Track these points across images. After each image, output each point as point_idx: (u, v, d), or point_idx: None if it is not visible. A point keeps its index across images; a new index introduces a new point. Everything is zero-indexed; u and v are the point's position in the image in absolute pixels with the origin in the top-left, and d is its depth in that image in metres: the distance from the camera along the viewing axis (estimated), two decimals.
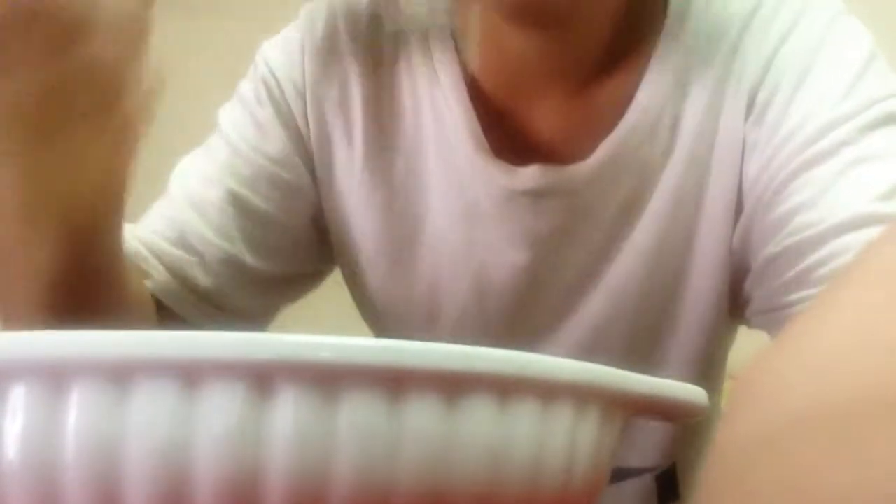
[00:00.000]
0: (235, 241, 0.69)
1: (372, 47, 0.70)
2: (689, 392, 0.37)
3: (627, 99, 0.67)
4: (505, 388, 0.29)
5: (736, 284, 0.67)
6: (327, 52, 0.70)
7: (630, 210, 0.68)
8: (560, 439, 0.31)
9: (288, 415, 0.26)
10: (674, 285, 0.69)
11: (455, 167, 0.69)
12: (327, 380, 0.26)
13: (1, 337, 0.26)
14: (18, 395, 0.26)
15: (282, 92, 0.70)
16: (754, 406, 0.20)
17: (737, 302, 0.67)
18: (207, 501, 0.26)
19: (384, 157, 0.70)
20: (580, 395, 0.32)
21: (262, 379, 0.26)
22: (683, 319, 0.69)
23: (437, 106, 0.69)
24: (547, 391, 0.30)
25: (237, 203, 0.68)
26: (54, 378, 0.26)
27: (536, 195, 0.68)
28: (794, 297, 0.59)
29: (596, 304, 0.70)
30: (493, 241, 0.70)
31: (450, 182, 0.69)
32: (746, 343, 0.73)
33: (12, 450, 0.26)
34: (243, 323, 0.71)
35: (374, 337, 0.74)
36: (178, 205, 0.68)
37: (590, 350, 0.70)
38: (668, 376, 0.35)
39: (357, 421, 0.27)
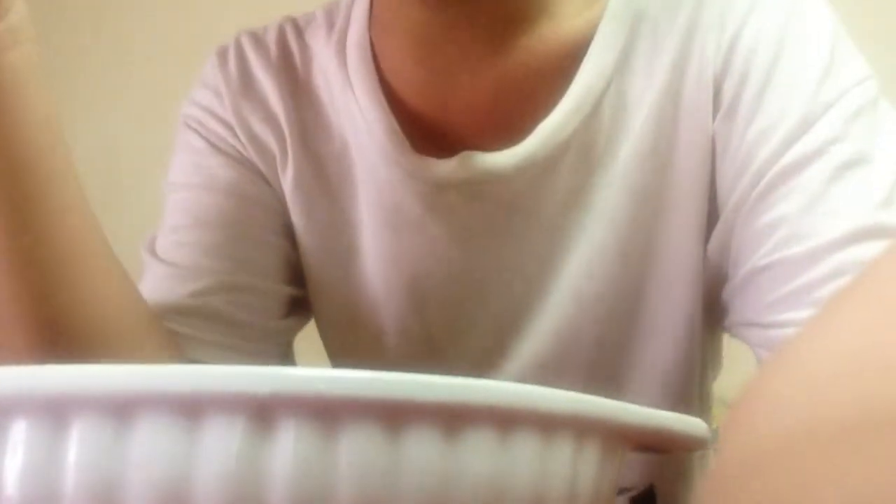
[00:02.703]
0: (229, 265, 0.67)
1: (286, 69, 0.70)
2: (690, 424, 0.37)
3: (567, 74, 0.62)
4: (505, 420, 0.29)
5: (711, 293, 0.63)
6: (243, 82, 0.70)
7: (576, 204, 0.63)
8: (561, 472, 0.31)
9: (288, 448, 0.26)
10: (639, 291, 0.64)
11: (378, 172, 0.66)
12: (327, 413, 0.26)
13: (1, 371, 0.26)
14: (19, 430, 0.26)
15: (207, 127, 0.70)
16: (749, 425, 0.20)
17: (712, 310, 0.63)
18: None
19: (315, 173, 0.69)
20: (581, 427, 0.31)
21: (262, 412, 0.26)
22: (652, 330, 0.65)
23: (352, 111, 0.67)
24: (547, 423, 0.30)
25: (217, 235, 0.67)
26: (55, 412, 0.26)
27: (463, 187, 0.64)
28: (787, 316, 0.55)
29: (553, 313, 0.65)
30: (423, 247, 0.66)
31: (376, 189, 0.66)
32: (738, 371, 0.70)
33: (12, 485, 0.26)
34: (265, 348, 0.69)
35: (330, 359, 0.73)
36: (170, 269, 0.66)
37: (552, 365, 0.66)
38: (638, 394, 0.35)
39: (357, 454, 0.26)
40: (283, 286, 0.70)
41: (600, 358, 0.66)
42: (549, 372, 0.66)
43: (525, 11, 0.61)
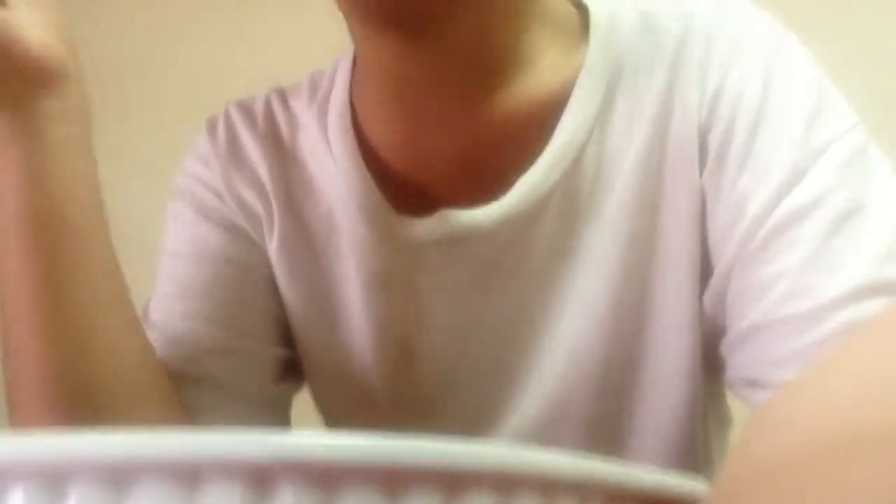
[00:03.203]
0: (222, 331, 0.68)
1: (273, 136, 0.70)
2: (690, 483, 0.36)
3: (546, 129, 0.61)
4: (507, 484, 0.29)
5: (709, 345, 0.61)
6: (231, 150, 0.71)
7: (562, 259, 0.62)
8: None
9: None
10: (635, 344, 0.63)
11: (360, 233, 0.66)
12: (326, 478, 0.26)
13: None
14: (17, 499, 0.26)
15: (197, 196, 0.71)
16: (766, 431, 0.20)
17: (711, 362, 0.62)
18: None
19: (300, 237, 0.69)
20: (583, 490, 0.31)
21: (260, 478, 0.26)
22: (651, 383, 0.63)
23: (333, 174, 0.67)
24: (549, 487, 0.30)
25: (210, 302, 0.68)
26: (53, 480, 0.26)
27: (443, 246, 0.63)
28: (791, 376, 0.53)
29: (546, 371, 0.64)
30: (408, 307, 0.66)
31: (359, 250, 0.66)
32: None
33: None
34: (262, 414, 0.69)
35: (322, 418, 0.73)
36: (163, 336, 0.67)
37: (549, 424, 0.64)
38: (640, 450, 0.35)
39: None
40: (276, 348, 0.71)
41: (599, 415, 0.64)
42: (547, 431, 0.65)
43: (502, 66, 0.61)
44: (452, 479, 0.28)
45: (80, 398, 0.56)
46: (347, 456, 0.26)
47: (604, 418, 0.64)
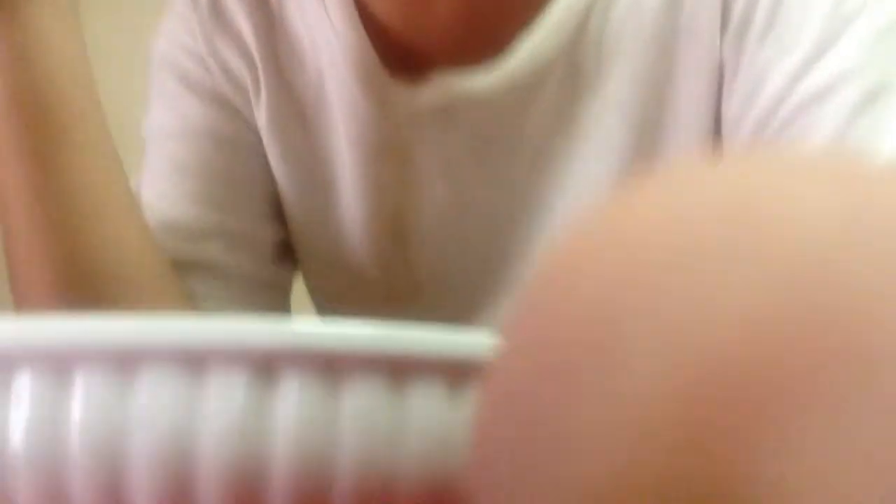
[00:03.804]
0: (217, 213, 0.66)
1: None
2: None
3: None
4: None
5: None
6: (214, 12, 0.66)
7: (566, 133, 0.59)
8: None
9: (292, 402, 0.26)
10: None
11: (354, 101, 0.62)
12: (331, 367, 0.26)
13: (6, 324, 0.26)
14: (24, 383, 0.26)
15: (179, 65, 0.67)
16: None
17: None
18: (212, 488, 0.26)
19: (290, 105, 0.66)
20: None
21: (266, 366, 0.26)
22: None
23: (328, 36, 0.63)
24: None
25: (202, 182, 0.66)
26: (59, 365, 0.26)
27: (444, 112, 0.60)
28: None
29: None
30: (404, 179, 0.63)
31: (353, 119, 0.63)
32: None
33: (17, 438, 0.26)
34: (263, 299, 0.68)
35: (312, 301, 0.71)
36: (156, 220, 0.65)
37: None
38: None
39: (361, 407, 0.27)
40: (272, 228, 0.69)
41: None
42: None
43: None
44: (457, 369, 0.28)
45: (82, 283, 0.56)
46: (354, 345, 0.26)
47: None
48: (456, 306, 0.65)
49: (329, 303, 0.71)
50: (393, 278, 0.66)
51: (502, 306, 0.64)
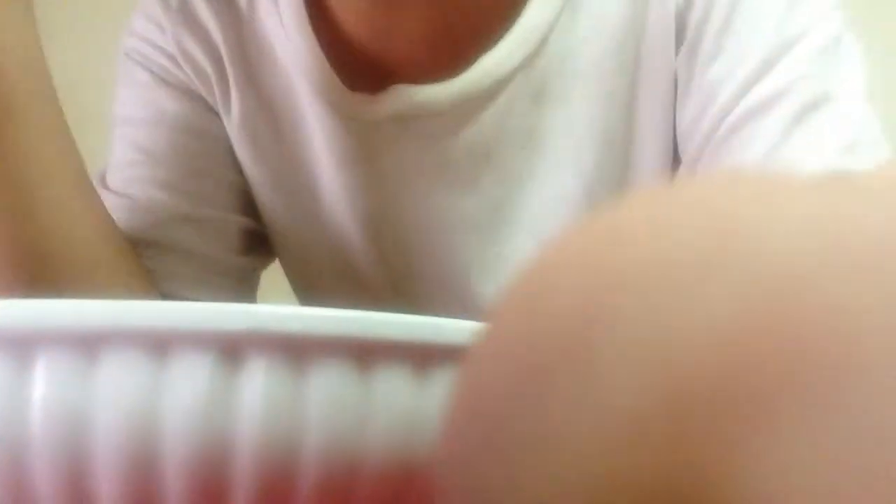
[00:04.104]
0: (184, 199, 0.66)
1: (229, 3, 0.66)
2: None
3: (514, 8, 0.59)
4: None
5: None
6: (183, 14, 0.67)
7: (531, 147, 0.60)
8: None
9: (257, 385, 0.26)
10: None
11: (318, 109, 0.63)
12: (297, 350, 0.26)
13: None
14: None
15: (149, 58, 0.68)
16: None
17: None
18: (176, 471, 0.26)
19: (262, 110, 0.66)
20: None
21: (231, 349, 0.26)
22: None
23: (287, 52, 0.64)
24: None
25: (169, 169, 0.66)
26: (20, 348, 0.26)
27: (399, 123, 0.61)
28: None
29: (518, 261, 0.62)
30: (372, 185, 0.64)
31: (321, 124, 0.64)
32: None
33: None
34: (229, 283, 0.68)
35: (296, 295, 0.73)
36: (124, 202, 0.65)
37: None
38: None
39: (327, 391, 0.26)
40: (240, 217, 0.69)
41: None
42: None
43: None
44: (423, 353, 0.28)
45: (35, 265, 0.55)
46: (319, 328, 0.26)
47: None
48: (430, 308, 0.66)
49: (314, 294, 0.71)
50: (373, 274, 0.67)
51: (476, 313, 0.64)
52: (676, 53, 0.58)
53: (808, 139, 0.53)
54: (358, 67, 0.62)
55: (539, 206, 0.62)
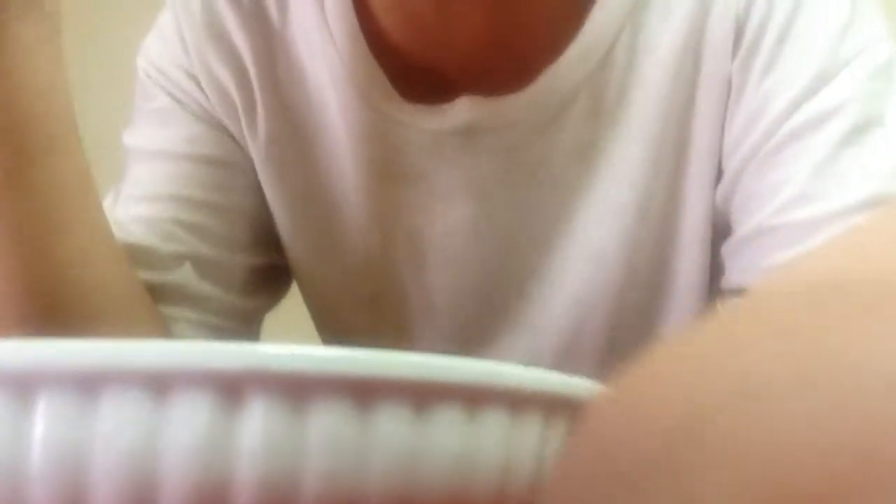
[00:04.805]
0: (192, 236, 0.64)
1: (257, 16, 0.64)
2: None
3: (576, 17, 0.58)
4: (474, 397, 0.29)
5: (717, 250, 0.60)
6: (209, 29, 0.65)
7: (587, 159, 0.60)
8: (529, 449, 0.31)
9: (257, 425, 0.26)
10: (662, 252, 0.61)
11: (361, 120, 0.62)
12: (297, 390, 0.26)
13: None
14: None
15: (170, 80, 0.66)
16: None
17: (713, 271, 0.61)
18: None
19: (290, 129, 0.64)
20: (549, 405, 0.32)
21: (231, 388, 0.26)
22: (673, 294, 0.61)
23: (331, 58, 0.62)
24: (515, 401, 0.30)
25: (178, 206, 0.65)
26: (20, 388, 0.26)
27: (469, 133, 0.60)
28: None
29: (569, 278, 0.61)
30: (420, 200, 0.62)
31: (363, 140, 0.62)
32: None
33: None
34: (230, 325, 0.67)
35: (319, 334, 0.71)
36: (130, 243, 0.64)
37: (569, 335, 0.62)
38: None
39: (326, 430, 0.26)
40: (248, 257, 0.67)
41: (620, 326, 0.62)
42: (566, 343, 0.62)
43: None
44: (422, 392, 0.28)
45: (52, 307, 0.55)
46: (318, 367, 0.26)
47: (624, 332, 0.62)
48: (470, 330, 0.65)
49: (337, 324, 0.69)
50: (407, 301, 0.65)
51: (518, 331, 0.64)
52: (733, 56, 0.57)
53: (856, 160, 0.53)
54: (414, 81, 0.61)
55: (592, 217, 0.61)
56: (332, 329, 0.70)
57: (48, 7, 0.53)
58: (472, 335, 0.64)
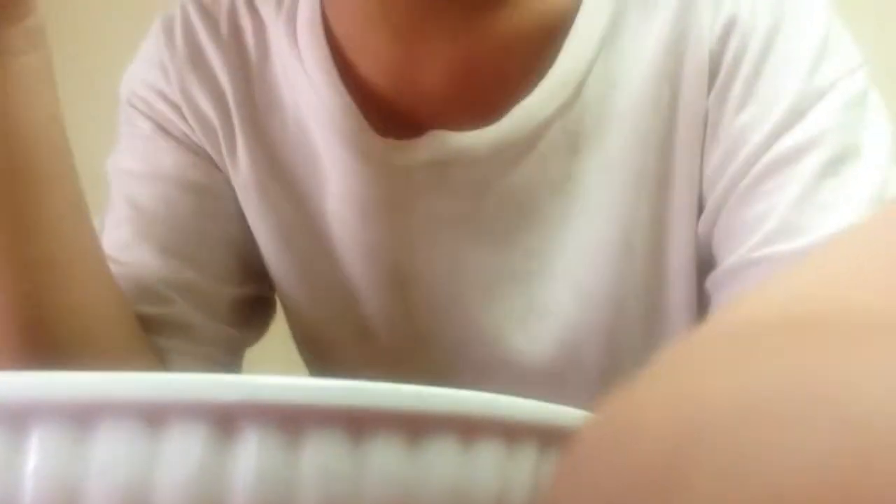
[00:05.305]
0: (176, 263, 0.64)
1: (237, 45, 0.65)
2: None
3: (548, 51, 0.58)
4: (469, 428, 0.29)
5: (700, 282, 0.59)
6: (190, 58, 0.65)
7: (566, 193, 0.59)
8: (524, 480, 0.31)
9: (251, 456, 0.26)
10: (650, 286, 0.60)
11: (341, 157, 0.61)
12: (290, 421, 0.26)
13: None
14: None
15: (153, 107, 0.66)
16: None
17: (701, 303, 0.60)
18: None
19: (270, 162, 0.64)
20: (544, 435, 0.32)
21: (224, 420, 0.26)
22: (663, 328, 0.60)
23: (305, 91, 0.62)
24: (510, 431, 0.30)
25: (165, 232, 0.64)
26: (15, 420, 0.26)
27: (432, 170, 0.59)
28: None
29: (554, 315, 0.61)
30: (400, 236, 0.62)
31: (342, 175, 0.62)
32: None
33: None
34: (214, 353, 0.65)
35: (308, 369, 0.70)
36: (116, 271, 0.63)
37: (557, 371, 0.61)
38: None
39: (320, 462, 0.26)
40: (234, 288, 0.67)
41: (613, 366, 0.61)
42: (555, 380, 0.62)
43: None
44: (415, 423, 0.28)
45: (49, 346, 0.55)
46: (311, 398, 0.26)
47: (616, 369, 0.62)
48: (459, 364, 0.64)
49: (324, 356, 0.69)
50: (395, 333, 0.65)
51: (506, 368, 0.63)
52: (708, 93, 0.58)
53: (837, 190, 0.53)
54: (386, 115, 0.61)
55: (575, 253, 0.60)
56: (322, 364, 0.69)
57: (37, 31, 0.53)
58: (460, 370, 0.64)
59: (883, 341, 0.16)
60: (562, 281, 0.61)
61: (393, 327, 0.65)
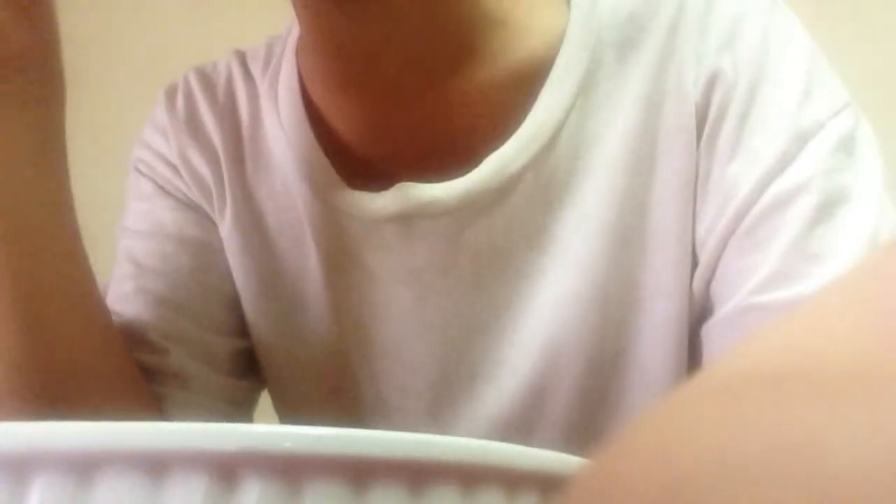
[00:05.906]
0: (173, 315, 0.65)
1: (231, 110, 0.67)
2: None
3: (521, 104, 0.58)
4: (470, 476, 0.29)
5: (693, 333, 0.59)
6: (190, 122, 0.68)
7: (538, 246, 0.59)
8: None
9: None
10: (624, 341, 0.59)
11: (316, 211, 0.62)
12: (291, 469, 0.26)
13: None
14: None
15: (154, 169, 0.69)
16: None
17: (693, 354, 0.59)
18: None
19: (254, 217, 0.66)
20: (545, 483, 0.31)
21: (225, 469, 0.26)
22: (639, 383, 0.60)
23: (286, 150, 0.64)
24: (511, 479, 0.30)
25: (165, 284, 0.66)
26: (15, 470, 0.26)
27: (404, 220, 0.59)
28: None
29: (521, 369, 0.60)
30: (367, 290, 0.62)
31: (318, 230, 0.63)
32: None
33: None
34: (217, 405, 0.66)
35: (278, 415, 0.70)
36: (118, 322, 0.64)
37: (524, 426, 0.61)
38: None
39: None
40: (232, 339, 0.68)
41: (579, 417, 0.61)
42: (522, 430, 0.61)
43: (469, 28, 0.57)
44: (417, 471, 0.28)
45: (49, 393, 0.55)
46: (313, 447, 0.26)
47: (584, 420, 0.61)
48: (422, 422, 0.64)
49: (293, 414, 0.69)
50: (360, 395, 0.65)
51: (476, 418, 0.63)
52: (697, 146, 0.58)
53: (830, 235, 0.53)
54: (358, 168, 0.61)
55: (547, 305, 0.60)
56: (289, 417, 0.70)
57: (48, 86, 0.53)
58: (430, 422, 0.63)
59: (862, 394, 0.16)
60: (532, 333, 0.60)
61: (358, 390, 0.65)
